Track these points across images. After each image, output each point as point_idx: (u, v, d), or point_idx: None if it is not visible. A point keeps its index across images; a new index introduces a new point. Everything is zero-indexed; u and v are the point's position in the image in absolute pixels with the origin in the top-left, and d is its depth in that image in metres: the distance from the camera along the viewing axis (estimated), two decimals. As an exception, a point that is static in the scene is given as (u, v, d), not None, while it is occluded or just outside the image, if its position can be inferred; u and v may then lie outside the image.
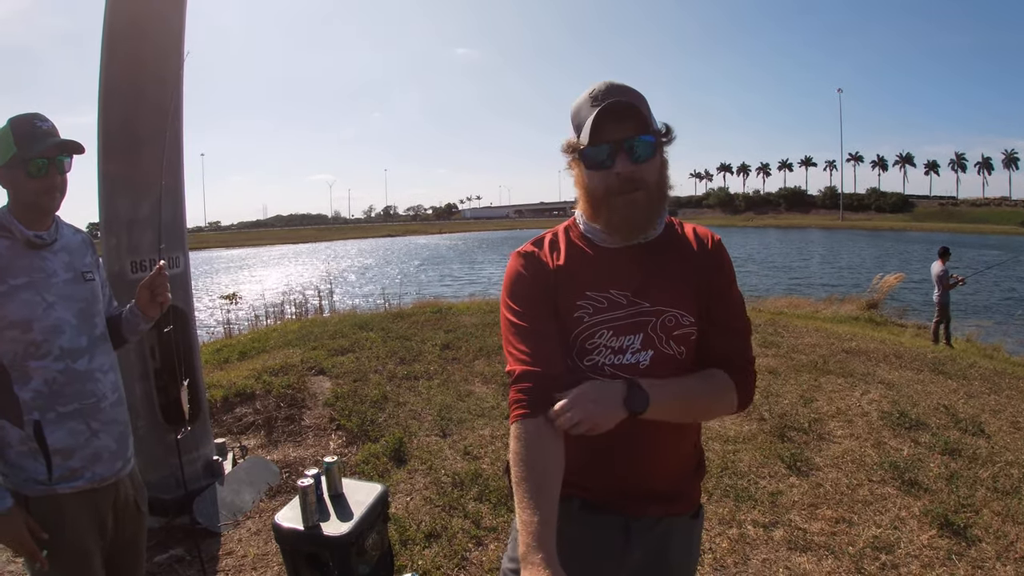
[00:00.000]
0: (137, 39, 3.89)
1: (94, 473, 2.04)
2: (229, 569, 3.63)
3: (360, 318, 10.25)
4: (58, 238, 2.09)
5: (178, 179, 4.25)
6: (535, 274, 1.61)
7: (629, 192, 1.50)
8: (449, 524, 3.79)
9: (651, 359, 1.54)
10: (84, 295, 2.11)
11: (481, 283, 27.42)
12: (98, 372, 2.07)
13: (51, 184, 2.00)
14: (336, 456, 2.82)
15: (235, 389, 6.19)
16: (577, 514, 1.62)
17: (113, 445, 2.09)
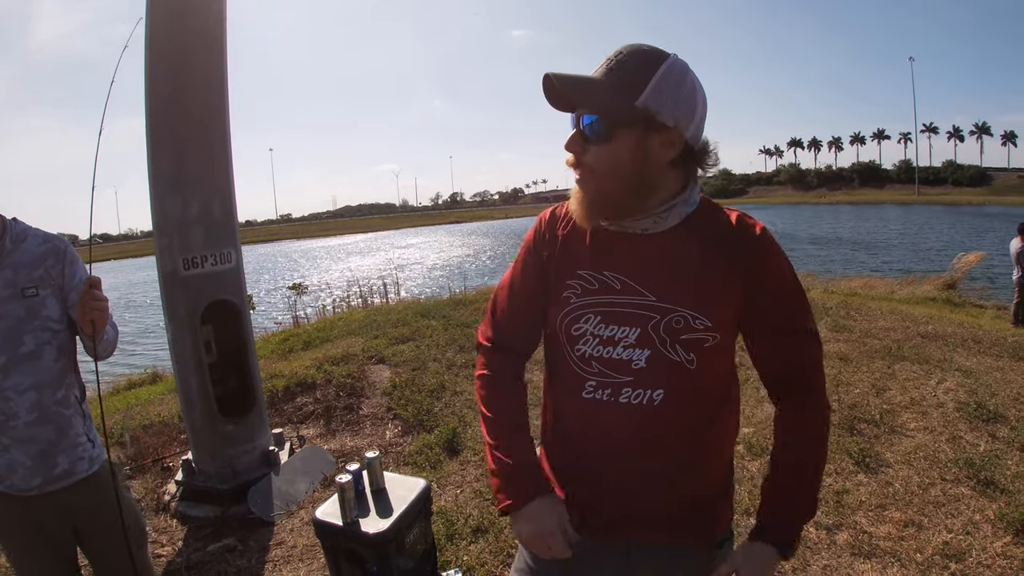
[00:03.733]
0: (178, 41, 3.94)
1: (12, 483, 2.11)
2: (278, 559, 3.67)
3: (423, 306, 10.29)
4: (2, 258, 2.10)
5: (227, 176, 4.30)
6: (536, 243, 1.57)
7: (576, 172, 1.38)
8: (497, 519, 3.73)
9: (647, 360, 1.38)
10: (16, 313, 2.10)
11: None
12: (11, 391, 2.07)
13: None
14: (378, 451, 2.79)
15: (296, 379, 6.30)
16: (577, 529, 1.49)
17: (28, 462, 2.11)
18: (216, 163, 4.21)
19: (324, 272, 31.92)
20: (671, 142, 1.33)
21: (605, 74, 1.32)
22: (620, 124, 1.30)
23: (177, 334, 4.19)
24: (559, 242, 1.50)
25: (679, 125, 1.31)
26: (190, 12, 3.95)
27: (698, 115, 1.34)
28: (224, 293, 4.23)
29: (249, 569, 3.59)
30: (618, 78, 1.30)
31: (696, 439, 1.44)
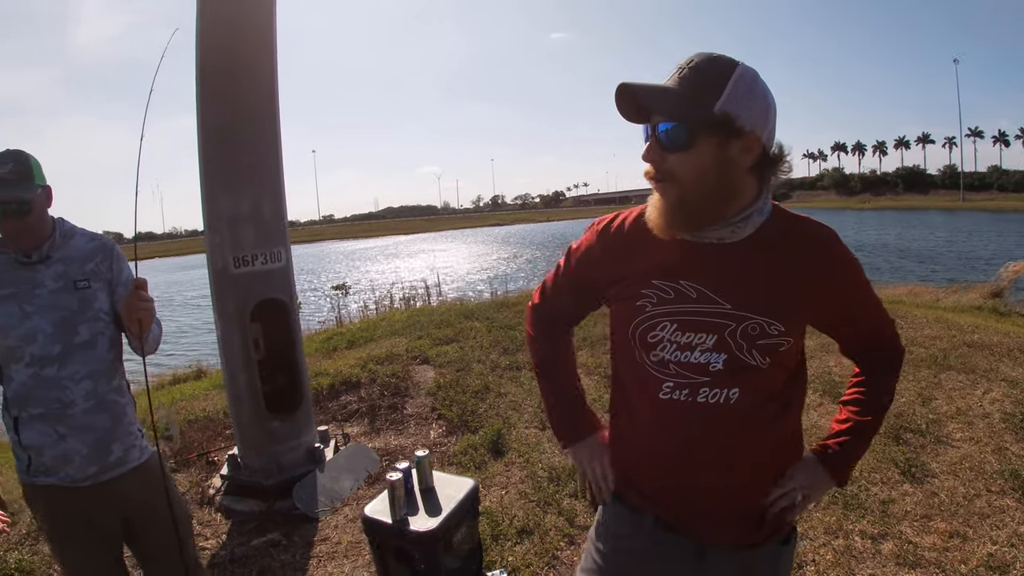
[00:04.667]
0: (228, 42, 4.02)
1: (67, 474, 2.15)
2: (322, 555, 3.69)
3: (466, 307, 10.31)
4: (52, 254, 2.18)
5: (277, 176, 4.35)
6: (595, 252, 1.59)
7: (657, 182, 1.38)
8: (542, 521, 3.71)
9: (724, 363, 1.42)
10: (70, 304, 2.17)
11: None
12: (68, 380, 2.14)
13: (10, 229, 2.12)
14: (427, 450, 2.79)
15: (341, 377, 6.35)
16: (650, 531, 1.57)
17: (84, 450, 2.15)
18: (267, 163, 4.27)
19: (365, 273, 32.21)
20: (749, 147, 1.32)
21: (679, 82, 1.32)
22: (700, 131, 1.30)
23: (226, 331, 4.25)
24: (625, 253, 1.52)
25: (756, 130, 1.31)
26: (240, 14, 4.02)
27: (771, 120, 1.34)
28: (273, 292, 4.28)
29: (293, 564, 3.62)
30: (694, 85, 1.30)
31: (768, 435, 1.49)
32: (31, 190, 2.09)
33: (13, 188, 2.05)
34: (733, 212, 1.37)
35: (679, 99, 1.30)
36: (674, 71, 1.34)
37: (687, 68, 1.32)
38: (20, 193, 2.06)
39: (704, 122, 1.29)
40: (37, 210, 2.13)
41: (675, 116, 1.31)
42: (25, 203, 2.07)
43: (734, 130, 1.29)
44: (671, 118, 1.32)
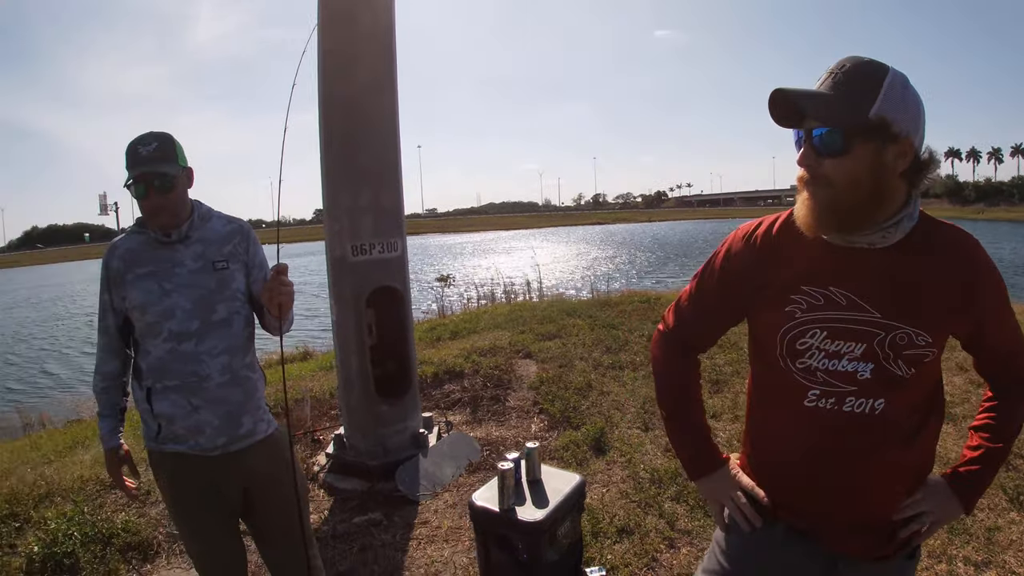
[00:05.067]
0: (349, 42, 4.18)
1: (196, 442, 2.24)
2: (422, 538, 3.77)
3: (567, 304, 10.29)
4: (191, 234, 2.28)
5: (396, 169, 4.48)
6: (742, 259, 1.56)
7: (810, 186, 1.37)
8: (643, 522, 3.67)
9: (872, 372, 1.41)
10: (208, 283, 2.26)
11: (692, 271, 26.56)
12: (205, 355, 2.22)
13: (152, 205, 2.19)
14: (537, 442, 2.82)
15: (445, 367, 6.48)
16: (782, 539, 1.57)
17: (215, 421, 2.24)
18: (386, 156, 4.40)
19: (465, 266, 32.62)
20: (903, 152, 1.32)
21: (833, 87, 1.31)
22: (856, 136, 1.30)
23: (342, 316, 4.40)
24: (773, 258, 1.51)
25: (909, 134, 1.31)
26: (360, 14, 4.17)
27: (922, 124, 1.34)
28: (389, 280, 4.41)
29: (393, 544, 3.71)
30: (848, 90, 1.29)
31: (908, 448, 1.48)
32: (174, 167, 2.20)
33: (158, 164, 2.15)
34: (884, 217, 1.37)
35: (834, 104, 1.29)
36: (825, 76, 1.33)
37: (840, 73, 1.31)
38: (164, 168, 2.16)
39: (859, 127, 1.29)
40: (179, 188, 2.22)
41: (830, 121, 1.30)
42: (169, 179, 2.17)
43: (889, 135, 1.29)
44: (826, 123, 1.31)
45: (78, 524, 3.88)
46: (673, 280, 22.59)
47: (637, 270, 28.97)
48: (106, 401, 2.36)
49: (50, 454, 5.68)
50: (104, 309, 2.30)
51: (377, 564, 3.53)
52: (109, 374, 2.34)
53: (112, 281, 2.25)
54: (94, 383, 2.37)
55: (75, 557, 3.66)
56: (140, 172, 2.14)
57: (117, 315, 2.29)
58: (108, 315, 2.30)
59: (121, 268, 2.23)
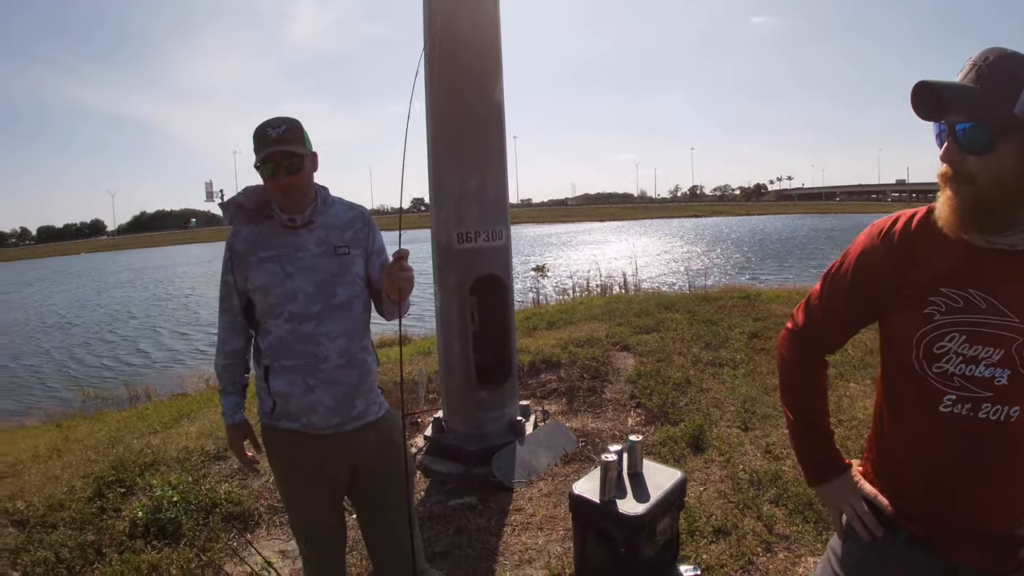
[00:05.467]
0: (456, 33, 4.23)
1: (310, 421, 2.31)
2: (516, 524, 3.82)
3: (665, 298, 10.17)
4: (314, 219, 2.34)
5: (501, 158, 4.53)
6: (878, 257, 1.51)
7: (953, 183, 1.32)
8: (740, 523, 3.60)
9: (1008, 379, 1.35)
10: (330, 268, 2.32)
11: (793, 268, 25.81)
12: (323, 337, 2.28)
13: (280, 185, 2.25)
14: (640, 436, 2.80)
15: (542, 356, 6.53)
16: (902, 548, 1.52)
17: (330, 402, 2.30)
18: (492, 145, 4.46)
19: (560, 257, 32.62)
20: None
21: (978, 80, 1.26)
22: (1002, 133, 1.25)
23: (445, 302, 4.49)
24: (911, 257, 1.45)
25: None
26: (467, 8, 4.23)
27: None
28: (492, 268, 4.46)
29: (488, 529, 3.78)
30: (993, 85, 1.24)
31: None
32: (303, 149, 2.26)
33: (287, 144, 2.22)
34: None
35: (979, 99, 1.24)
36: (968, 67, 1.28)
37: (984, 65, 1.25)
38: (294, 148, 2.23)
39: (1006, 124, 1.23)
40: (306, 169, 2.29)
41: (975, 116, 1.25)
42: (298, 159, 2.24)
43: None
44: (971, 118, 1.26)
45: (182, 492, 4.11)
46: (770, 277, 21.91)
47: (733, 265, 28.27)
48: (228, 378, 2.46)
49: (156, 424, 6.04)
50: (228, 290, 2.39)
51: (472, 547, 3.60)
52: (232, 352, 2.44)
53: (236, 263, 2.34)
54: (216, 361, 2.48)
55: (178, 523, 3.87)
56: (269, 152, 2.20)
57: (240, 296, 2.38)
58: (232, 296, 2.39)
59: (246, 251, 2.31)
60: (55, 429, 7.50)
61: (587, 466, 4.40)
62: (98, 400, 11.03)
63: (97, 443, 5.55)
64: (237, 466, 4.58)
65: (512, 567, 3.42)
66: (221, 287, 2.42)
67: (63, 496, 4.28)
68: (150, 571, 3.47)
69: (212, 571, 3.48)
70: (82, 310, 28.11)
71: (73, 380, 13.80)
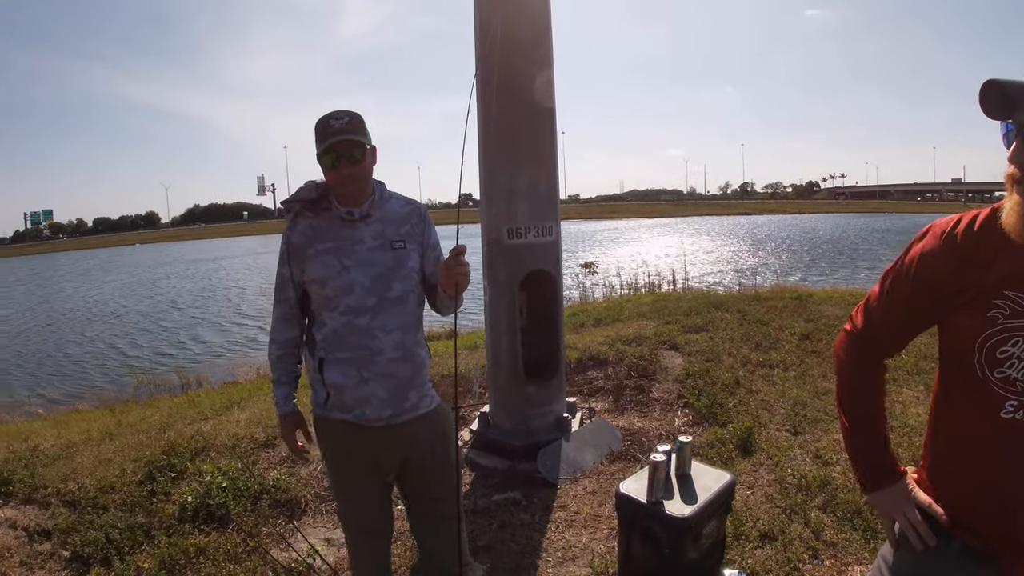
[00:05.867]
0: (508, 30, 4.22)
1: (363, 413, 2.33)
2: (560, 521, 3.81)
3: (715, 297, 10.05)
4: (372, 213, 2.36)
5: (552, 154, 4.52)
6: (940, 258, 1.46)
7: (1020, 185, 1.29)
8: (787, 528, 3.54)
9: None
10: (386, 261, 2.34)
11: (845, 268, 25.26)
12: (379, 330, 2.30)
13: (342, 176, 2.26)
14: (690, 436, 2.78)
15: (589, 353, 6.51)
16: (955, 558, 1.48)
17: (383, 394, 2.32)
18: (543, 141, 4.45)
19: (607, 254, 32.47)
20: None
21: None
22: None
23: (495, 297, 4.50)
24: (975, 259, 1.41)
25: None
26: (517, 3, 4.22)
27: None
28: (542, 264, 4.46)
29: (532, 524, 3.77)
30: None
31: None
32: (365, 140, 2.29)
33: (350, 134, 2.24)
34: None
35: None
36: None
37: None
38: (357, 138, 2.25)
39: None
40: (367, 161, 2.31)
41: None
42: (360, 148, 2.26)
43: None
44: None
45: (231, 478, 4.20)
46: (819, 279, 21.48)
47: (782, 265, 27.78)
48: (282, 368, 2.50)
49: (207, 411, 6.17)
50: (283, 281, 2.43)
51: (515, 542, 3.61)
52: (286, 342, 2.48)
53: (292, 255, 2.38)
54: (270, 351, 2.51)
55: (226, 509, 3.96)
56: (332, 142, 2.22)
57: (296, 287, 2.41)
58: (287, 287, 2.42)
59: (303, 243, 2.34)
60: (108, 414, 7.72)
61: (632, 465, 4.37)
62: (151, 386, 11.36)
63: (149, 428, 5.70)
64: (285, 454, 4.67)
65: (555, 564, 3.42)
66: (276, 278, 2.46)
67: (114, 479, 4.42)
68: (197, 554, 3.56)
69: (258, 556, 3.55)
70: (132, 298, 29.03)
71: (127, 367, 14.23)
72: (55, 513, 4.07)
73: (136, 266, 51.24)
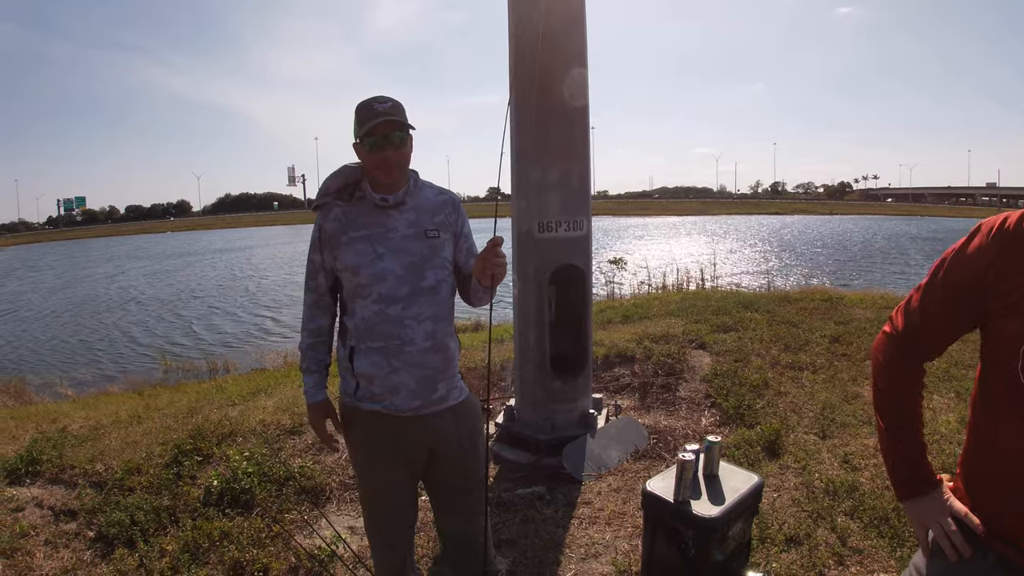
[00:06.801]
0: (543, 25, 4.20)
1: (392, 403, 2.33)
2: (584, 518, 3.80)
3: (744, 297, 9.95)
4: (406, 200, 2.35)
5: (584, 148, 4.51)
6: (983, 259, 1.41)
7: None
8: (813, 533, 3.49)
9: None
10: (420, 250, 2.33)
11: (876, 272, 24.92)
12: (410, 320, 2.29)
13: (383, 158, 2.24)
14: (719, 437, 2.75)
15: (616, 350, 6.48)
16: (991, 571, 1.44)
17: (412, 384, 2.31)
18: (576, 135, 4.44)
19: (636, 251, 32.26)
20: None
21: None
22: None
23: (524, 291, 4.49)
24: (1018, 260, 1.36)
25: None
26: None
27: None
28: (573, 258, 4.44)
29: (555, 520, 3.77)
30: None
31: None
32: (408, 124, 2.28)
33: (395, 116, 2.24)
34: None
35: None
36: None
37: None
38: (401, 119, 2.25)
39: None
40: (408, 147, 2.32)
41: None
42: (402, 131, 2.27)
43: None
44: None
45: (257, 464, 4.25)
46: (856, 282, 21.18)
47: (816, 266, 27.44)
48: (312, 357, 2.49)
49: (234, 397, 6.23)
50: (315, 269, 2.42)
51: (538, 537, 3.60)
52: (316, 330, 2.48)
53: (325, 242, 2.36)
54: (301, 339, 2.51)
55: (251, 494, 4.00)
56: (377, 123, 2.21)
57: (328, 275, 2.41)
58: (319, 275, 2.42)
59: (336, 230, 2.33)
60: (136, 397, 7.85)
61: (658, 464, 4.35)
62: (179, 371, 11.53)
63: (177, 412, 5.78)
64: (311, 441, 4.70)
65: (578, 560, 3.41)
66: (308, 265, 2.45)
67: (141, 461, 4.48)
68: (221, 538, 3.59)
69: (282, 541, 3.58)
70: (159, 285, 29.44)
71: (159, 351, 14.42)
72: (81, 494, 4.14)
73: (170, 253, 51.94)
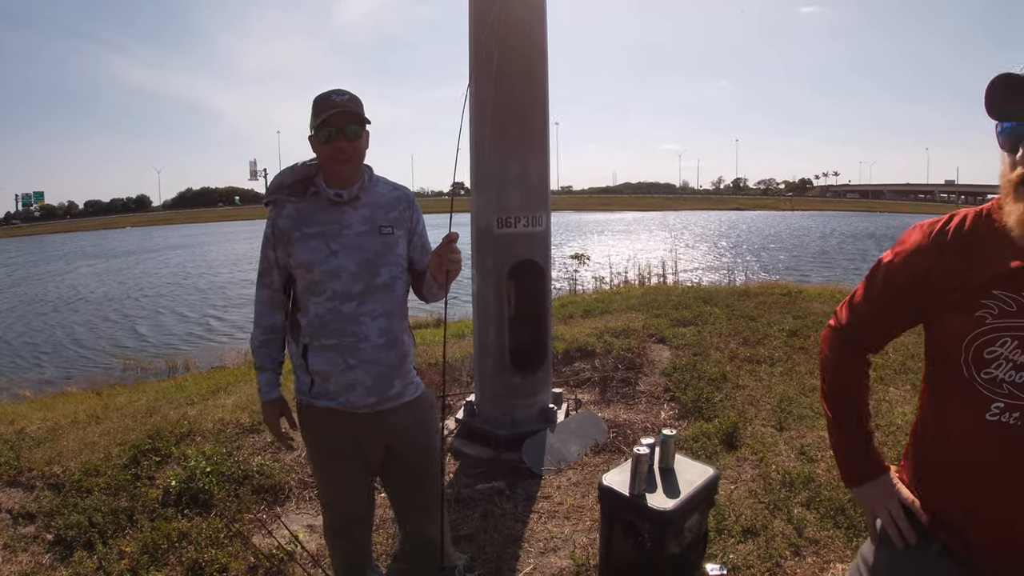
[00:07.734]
0: (502, 16, 4.14)
1: (348, 400, 2.32)
2: (543, 512, 3.80)
3: (704, 291, 10.05)
4: (360, 196, 2.32)
5: (543, 143, 4.50)
6: (928, 256, 1.45)
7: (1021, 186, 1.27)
8: (770, 524, 3.53)
9: None
10: (374, 247, 2.30)
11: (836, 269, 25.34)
12: (365, 317, 2.27)
13: (338, 149, 2.21)
14: (674, 430, 2.76)
15: (577, 344, 6.50)
16: (935, 558, 1.47)
17: (368, 381, 2.30)
18: (535, 130, 4.42)
19: (598, 246, 32.44)
20: None
21: None
22: None
23: (482, 286, 4.48)
24: (963, 258, 1.40)
25: None
26: None
27: None
28: (531, 254, 4.44)
29: (514, 515, 3.76)
30: None
31: None
32: (364, 118, 2.25)
33: (351, 108, 2.21)
34: None
35: None
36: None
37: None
38: (357, 112, 2.22)
39: None
40: (363, 141, 2.29)
41: None
42: (357, 124, 2.23)
43: None
44: None
45: (215, 463, 4.18)
46: (813, 276, 21.51)
47: (775, 262, 27.83)
48: (266, 354, 2.46)
49: (193, 396, 6.14)
50: (268, 265, 2.38)
51: (498, 532, 3.59)
52: (270, 327, 2.44)
53: (278, 239, 2.32)
54: (253, 336, 2.47)
55: (210, 494, 3.94)
56: (331, 114, 2.17)
57: (281, 272, 2.37)
58: (272, 271, 2.38)
59: (289, 227, 2.29)
60: (95, 397, 7.67)
61: (617, 457, 4.36)
62: (138, 370, 11.34)
63: (135, 412, 5.67)
64: (270, 440, 4.64)
65: (537, 554, 3.40)
66: (261, 262, 2.41)
67: (99, 462, 4.39)
68: (180, 539, 3.53)
69: (240, 542, 3.53)
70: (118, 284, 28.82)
71: (118, 351, 14.14)
72: (39, 496, 4.04)
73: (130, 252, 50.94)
